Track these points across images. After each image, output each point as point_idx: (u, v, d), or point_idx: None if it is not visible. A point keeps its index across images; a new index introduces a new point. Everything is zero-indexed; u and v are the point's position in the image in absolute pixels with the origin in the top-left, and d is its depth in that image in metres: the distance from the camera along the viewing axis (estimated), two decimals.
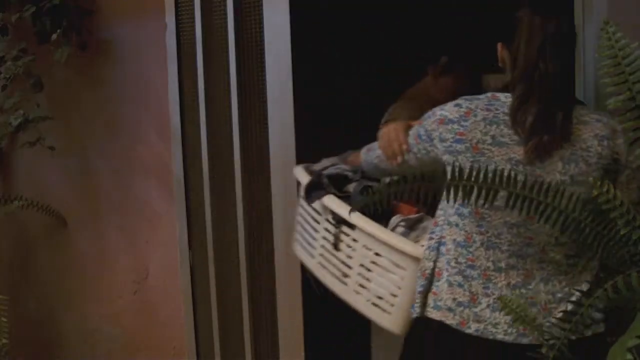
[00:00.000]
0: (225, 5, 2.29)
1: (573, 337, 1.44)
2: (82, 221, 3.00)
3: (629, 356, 1.14)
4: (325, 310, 2.87)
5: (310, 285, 2.85)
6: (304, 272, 2.37)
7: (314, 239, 1.91)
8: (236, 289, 2.41)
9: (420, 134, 1.68)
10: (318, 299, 2.78)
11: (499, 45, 1.70)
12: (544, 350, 1.42)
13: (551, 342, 1.39)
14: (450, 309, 1.62)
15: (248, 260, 2.38)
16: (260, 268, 2.37)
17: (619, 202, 1.33)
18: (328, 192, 1.87)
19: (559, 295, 1.58)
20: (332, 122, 3.48)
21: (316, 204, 1.88)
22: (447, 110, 1.63)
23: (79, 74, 2.86)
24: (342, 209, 1.77)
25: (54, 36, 2.67)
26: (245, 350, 2.42)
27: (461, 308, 1.61)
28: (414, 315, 1.67)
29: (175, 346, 2.73)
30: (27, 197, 2.98)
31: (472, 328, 1.59)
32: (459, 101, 1.64)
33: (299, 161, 2.21)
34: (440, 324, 1.63)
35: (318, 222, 1.89)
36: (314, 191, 1.90)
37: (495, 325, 1.58)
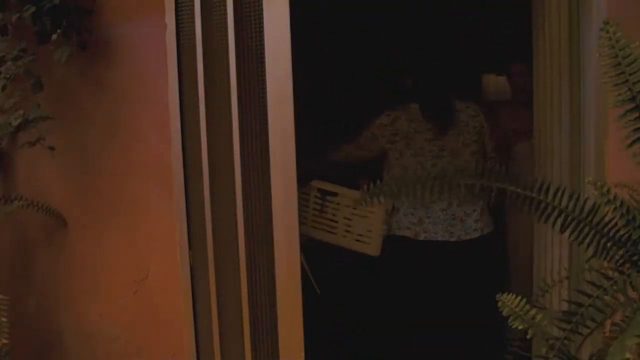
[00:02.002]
0: (225, 5, 2.29)
1: (468, 237, 2.91)
2: (82, 221, 3.00)
3: (629, 355, 1.14)
4: (325, 310, 2.88)
5: (311, 285, 2.85)
6: (304, 272, 2.38)
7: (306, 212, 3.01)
8: (236, 289, 2.41)
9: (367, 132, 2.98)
10: (318, 299, 2.78)
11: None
12: (543, 350, 1.43)
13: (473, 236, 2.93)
14: (408, 228, 2.94)
15: (248, 260, 2.38)
16: (260, 268, 2.37)
17: (619, 203, 1.33)
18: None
19: (467, 211, 2.92)
20: (332, 122, 3.48)
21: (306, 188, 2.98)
22: (382, 119, 2.96)
23: (79, 74, 2.86)
24: (329, 186, 2.99)
25: (54, 36, 2.67)
26: (245, 350, 2.42)
27: (414, 226, 2.93)
28: (385, 234, 2.93)
29: (175, 346, 2.73)
30: (27, 197, 2.98)
31: (421, 236, 2.92)
32: (387, 112, 2.95)
33: (299, 161, 2.21)
34: (403, 237, 2.94)
35: (307, 201, 3.01)
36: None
37: (435, 233, 2.91)
